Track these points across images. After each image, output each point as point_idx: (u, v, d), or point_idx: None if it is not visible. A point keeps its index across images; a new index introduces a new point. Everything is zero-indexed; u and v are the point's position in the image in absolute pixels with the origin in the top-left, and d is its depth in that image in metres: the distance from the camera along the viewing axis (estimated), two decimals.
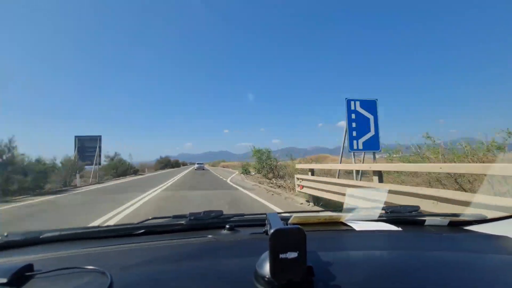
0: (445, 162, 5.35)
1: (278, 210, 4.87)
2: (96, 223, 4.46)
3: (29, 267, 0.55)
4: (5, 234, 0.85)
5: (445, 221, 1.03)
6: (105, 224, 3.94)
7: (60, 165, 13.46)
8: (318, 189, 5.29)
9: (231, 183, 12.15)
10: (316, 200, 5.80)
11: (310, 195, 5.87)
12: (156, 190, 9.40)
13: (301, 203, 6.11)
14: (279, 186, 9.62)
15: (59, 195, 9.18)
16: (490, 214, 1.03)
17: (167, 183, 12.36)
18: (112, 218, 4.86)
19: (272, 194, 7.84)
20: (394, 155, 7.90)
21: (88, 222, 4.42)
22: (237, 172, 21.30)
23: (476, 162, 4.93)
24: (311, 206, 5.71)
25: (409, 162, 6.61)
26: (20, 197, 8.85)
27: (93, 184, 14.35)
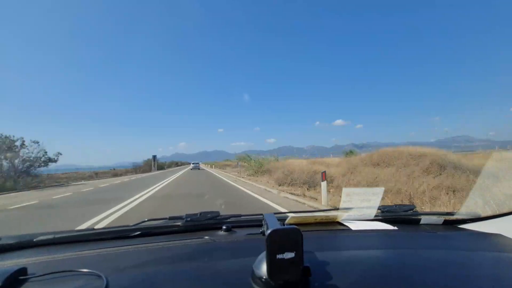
0: None
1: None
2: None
3: (22, 271, 0.54)
4: None
5: (440, 219, 1.04)
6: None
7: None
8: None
9: None
10: None
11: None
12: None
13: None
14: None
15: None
16: (484, 212, 1.05)
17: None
18: None
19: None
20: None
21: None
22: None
23: None
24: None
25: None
26: None
27: None
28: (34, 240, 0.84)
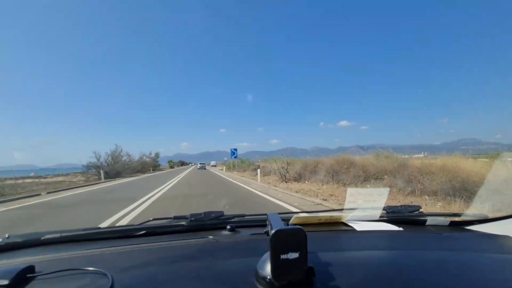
0: None
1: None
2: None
3: (30, 268, 0.55)
4: (6, 235, 0.85)
5: (446, 220, 1.03)
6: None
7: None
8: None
9: None
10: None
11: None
12: None
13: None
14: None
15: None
16: (491, 214, 1.03)
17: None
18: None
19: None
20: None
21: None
22: None
23: None
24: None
25: None
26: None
27: None
28: (42, 238, 0.85)
